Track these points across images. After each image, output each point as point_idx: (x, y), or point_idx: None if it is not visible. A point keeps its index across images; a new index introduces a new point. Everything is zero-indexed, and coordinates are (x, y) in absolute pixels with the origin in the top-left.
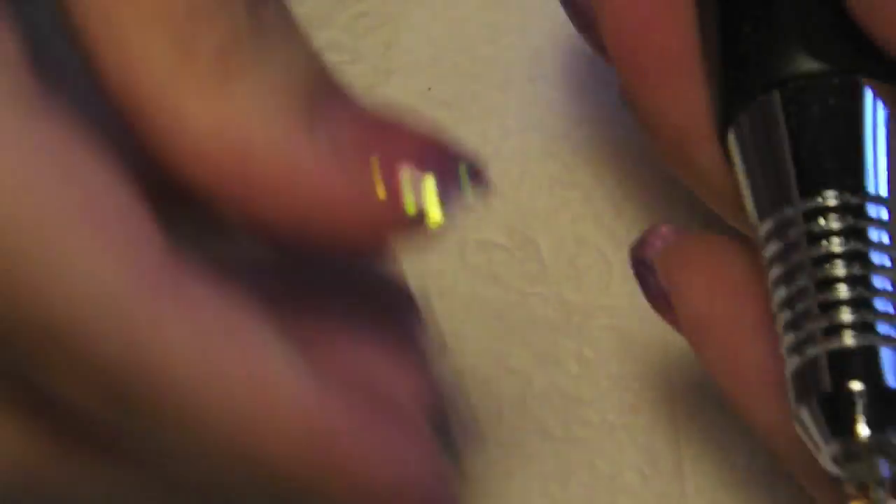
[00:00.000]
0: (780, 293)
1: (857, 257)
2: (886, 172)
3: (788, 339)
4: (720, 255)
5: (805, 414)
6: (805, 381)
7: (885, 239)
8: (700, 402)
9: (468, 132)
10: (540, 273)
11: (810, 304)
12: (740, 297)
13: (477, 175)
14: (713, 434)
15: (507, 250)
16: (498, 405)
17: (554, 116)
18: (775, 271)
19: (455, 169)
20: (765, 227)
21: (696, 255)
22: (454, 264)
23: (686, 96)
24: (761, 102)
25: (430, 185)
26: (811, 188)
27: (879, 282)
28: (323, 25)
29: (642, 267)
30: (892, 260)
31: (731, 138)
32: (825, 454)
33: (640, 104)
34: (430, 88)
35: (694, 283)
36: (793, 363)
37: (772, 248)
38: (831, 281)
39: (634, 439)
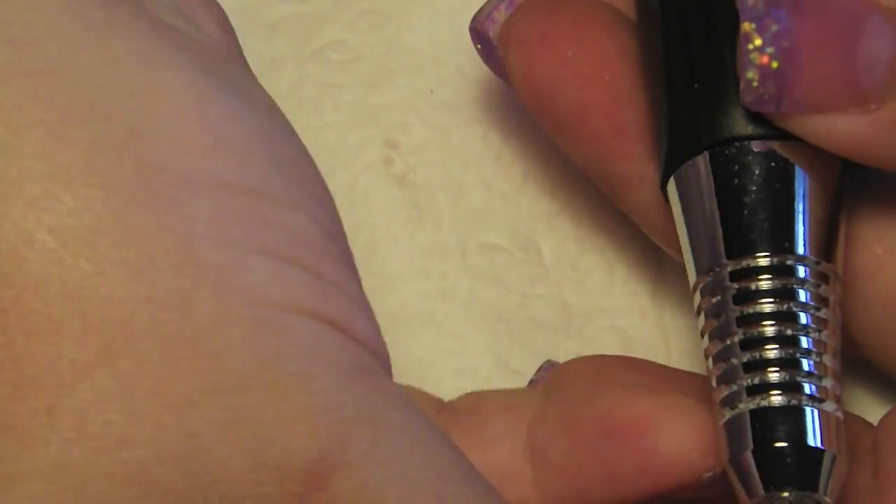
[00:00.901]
0: (712, 347)
1: (785, 317)
2: (809, 233)
3: (720, 391)
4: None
5: (734, 466)
6: (735, 436)
7: (811, 299)
8: None
9: (470, 135)
10: (541, 275)
11: (740, 361)
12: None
13: None
14: None
15: (508, 252)
16: None
17: None
18: (708, 325)
19: None
20: (700, 284)
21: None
22: (456, 266)
23: (606, 151)
24: (697, 162)
25: None
26: (743, 250)
27: (806, 342)
28: (325, 24)
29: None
30: (817, 319)
31: (671, 190)
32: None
33: (561, 146)
34: (432, 91)
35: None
36: (723, 416)
37: (706, 303)
38: (761, 340)
39: None
